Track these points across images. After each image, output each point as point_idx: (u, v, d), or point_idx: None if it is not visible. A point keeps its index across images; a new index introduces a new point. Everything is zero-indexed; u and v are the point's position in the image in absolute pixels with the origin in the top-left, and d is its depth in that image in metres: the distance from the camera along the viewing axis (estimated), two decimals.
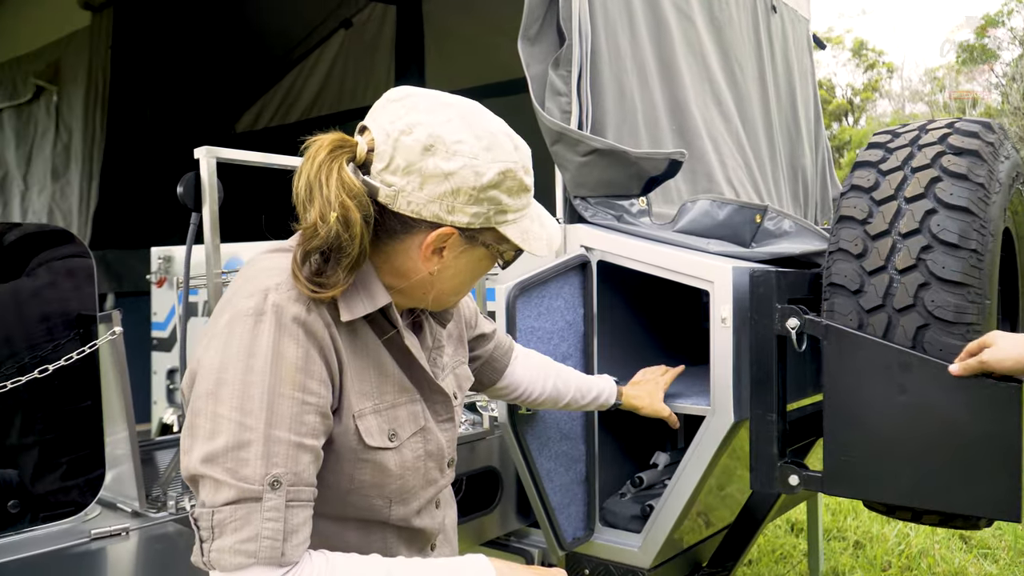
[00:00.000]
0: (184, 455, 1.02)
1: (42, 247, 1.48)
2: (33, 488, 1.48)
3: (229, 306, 1.06)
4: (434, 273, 1.13)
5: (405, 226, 1.10)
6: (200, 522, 0.99)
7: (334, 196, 1.02)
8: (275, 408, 1.00)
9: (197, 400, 1.02)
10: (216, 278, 1.59)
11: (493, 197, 1.10)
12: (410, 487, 1.21)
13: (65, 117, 4.80)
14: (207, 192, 1.56)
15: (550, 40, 2.32)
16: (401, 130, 1.06)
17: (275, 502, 0.99)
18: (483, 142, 1.09)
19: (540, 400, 1.73)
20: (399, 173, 1.06)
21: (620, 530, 2.20)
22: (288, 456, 1.01)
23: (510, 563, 1.19)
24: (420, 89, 1.12)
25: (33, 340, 1.47)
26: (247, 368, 1.00)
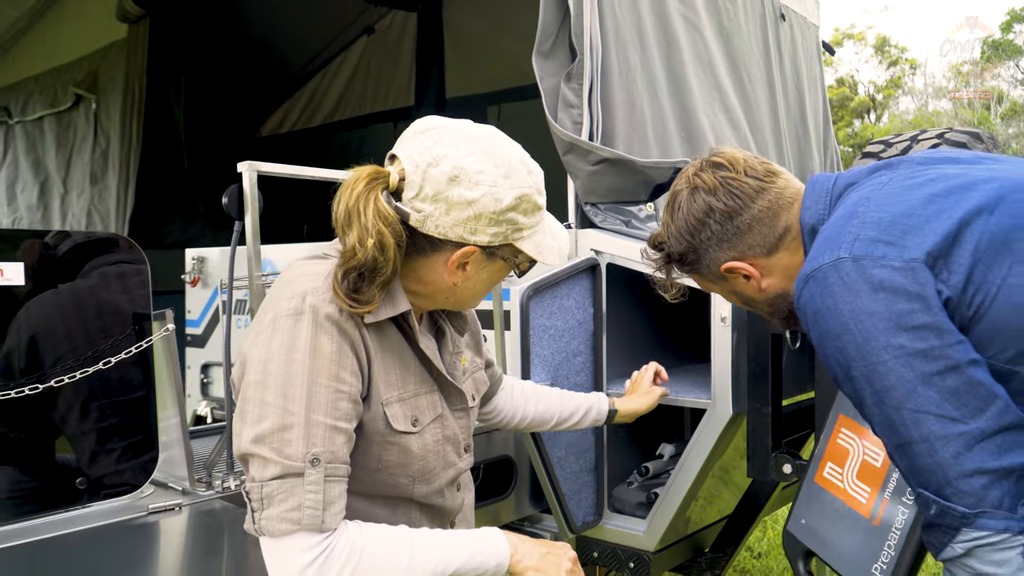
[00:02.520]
0: (235, 436, 1.19)
1: (105, 253, 1.66)
2: (95, 468, 1.65)
3: (272, 307, 1.22)
4: (457, 284, 1.29)
5: (433, 245, 1.25)
6: (251, 494, 1.15)
7: (371, 224, 1.17)
8: (314, 395, 1.16)
9: (246, 389, 1.19)
10: (257, 280, 1.75)
11: (511, 218, 1.24)
12: (431, 468, 1.36)
13: (103, 124, 5.01)
14: (249, 202, 1.72)
15: (563, 55, 2.47)
16: (429, 162, 1.20)
17: (315, 477, 1.15)
18: (501, 170, 1.22)
19: (524, 426, 1.83)
20: (428, 201, 1.20)
21: (627, 516, 2.34)
22: (325, 437, 1.17)
23: (520, 535, 1.35)
24: (444, 121, 1.27)
25: (94, 336, 1.65)
26: (289, 360, 1.16)
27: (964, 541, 1.18)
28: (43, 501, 1.62)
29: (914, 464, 1.21)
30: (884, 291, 1.20)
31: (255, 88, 6.42)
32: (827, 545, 1.60)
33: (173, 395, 1.70)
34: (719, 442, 2.14)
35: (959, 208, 1.23)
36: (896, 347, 1.19)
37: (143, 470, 1.71)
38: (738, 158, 1.46)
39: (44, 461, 1.68)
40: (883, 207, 1.28)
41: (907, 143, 2.13)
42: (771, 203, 1.43)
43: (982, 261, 1.20)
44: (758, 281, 1.49)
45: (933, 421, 1.17)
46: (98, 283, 1.67)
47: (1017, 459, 1.15)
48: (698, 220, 1.46)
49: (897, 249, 1.22)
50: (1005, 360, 1.20)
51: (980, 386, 1.17)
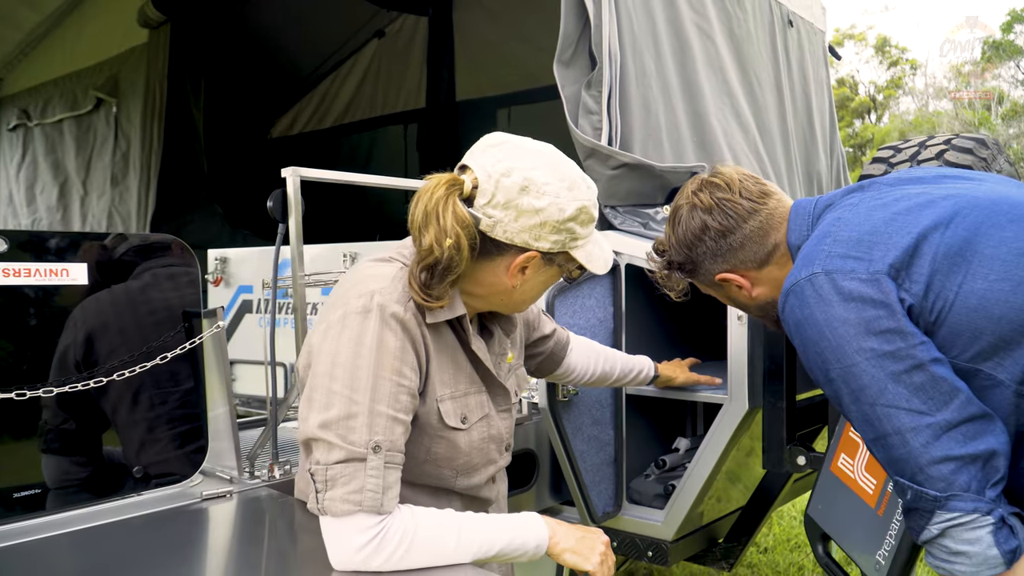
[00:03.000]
0: (302, 422, 1.29)
1: (159, 254, 1.75)
2: (148, 458, 1.75)
3: (341, 304, 1.32)
4: (516, 287, 1.40)
5: (498, 249, 1.36)
6: (316, 476, 1.25)
7: (450, 226, 1.28)
8: (378, 387, 1.26)
9: (315, 378, 1.29)
10: (300, 279, 1.85)
11: (570, 228, 1.35)
12: (474, 463, 1.47)
13: (124, 127, 5.10)
14: (292, 206, 1.82)
15: (583, 64, 2.56)
16: (502, 172, 1.31)
17: (376, 463, 1.24)
18: (565, 183, 1.34)
19: (591, 381, 2.02)
20: (499, 207, 1.31)
21: (645, 507, 2.44)
22: (386, 427, 1.26)
23: (557, 520, 1.44)
24: (512, 137, 1.38)
25: (148, 333, 1.74)
26: (356, 354, 1.26)
27: (938, 523, 1.29)
28: (95, 490, 1.71)
29: (889, 455, 1.34)
30: (853, 300, 1.33)
31: (269, 91, 6.51)
32: (841, 530, 1.70)
33: (222, 389, 1.80)
34: (735, 436, 2.23)
35: (918, 224, 1.36)
36: (867, 350, 1.32)
37: (193, 460, 1.80)
38: (734, 179, 1.60)
39: (97, 452, 1.77)
40: (852, 226, 1.42)
41: (916, 148, 2.23)
42: (762, 223, 1.57)
43: (939, 271, 1.33)
44: (749, 291, 1.64)
45: (903, 415, 1.30)
46: (151, 283, 1.77)
47: (981, 446, 1.28)
48: (695, 236, 1.61)
49: (864, 263, 1.35)
50: (967, 359, 1.32)
51: (943, 382, 1.30)
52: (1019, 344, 1.29)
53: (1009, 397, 1.31)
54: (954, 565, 1.30)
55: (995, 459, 1.29)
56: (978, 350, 1.31)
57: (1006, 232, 1.33)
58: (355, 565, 1.23)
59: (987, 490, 1.27)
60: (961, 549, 1.28)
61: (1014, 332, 1.29)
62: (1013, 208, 1.37)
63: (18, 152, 5.90)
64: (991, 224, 1.35)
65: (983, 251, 1.33)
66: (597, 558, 1.41)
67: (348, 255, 3.10)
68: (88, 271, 1.63)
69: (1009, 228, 1.34)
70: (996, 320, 1.29)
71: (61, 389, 1.57)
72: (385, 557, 1.24)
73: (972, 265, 1.32)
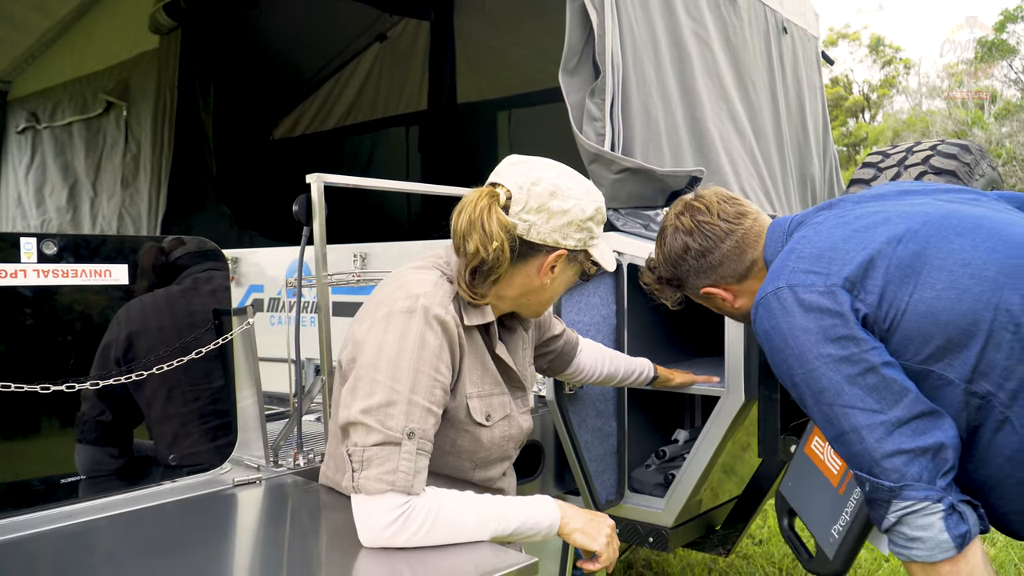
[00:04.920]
0: (344, 408, 1.41)
1: (192, 254, 1.86)
2: (181, 447, 1.86)
3: (387, 304, 1.46)
4: (545, 284, 1.56)
5: (533, 250, 1.52)
6: (353, 457, 1.37)
7: (495, 231, 1.45)
8: (417, 380, 1.39)
9: (360, 369, 1.42)
10: (324, 279, 1.96)
11: (589, 227, 1.54)
12: (492, 459, 1.61)
13: (134, 130, 5.19)
14: (316, 210, 1.93)
15: (587, 72, 2.68)
16: (532, 182, 1.49)
17: (409, 448, 1.37)
18: (583, 188, 1.54)
19: (597, 381, 2.17)
20: (532, 212, 1.48)
21: (646, 495, 2.55)
22: (421, 417, 1.39)
23: (569, 504, 1.56)
24: (530, 157, 1.56)
25: (183, 331, 1.85)
26: (400, 349, 1.40)
27: (895, 511, 1.42)
28: (129, 478, 1.82)
29: (848, 450, 1.48)
30: (812, 311, 1.48)
31: (273, 94, 6.59)
32: (805, 506, 1.84)
33: (251, 382, 1.91)
34: (731, 427, 2.34)
35: (873, 241, 1.51)
36: (825, 355, 1.46)
37: (223, 449, 1.91)
38: (713, 203, 1.77)
39: (131, 442, 1.88)
40: (814, 243, 1.57)
41: (903, 154, 2.35)
42: (738, 242, 1.75)
43: (892, 282, 1.47)
44: (732, 302, 1.83)
45: (859, 414, 1.44)
46: (191, 286, 1.88)
47: (930, 440, 1.41)
48: (678, 256, 1.80)
49: (822, 277, 1.50)
50: (919, 361, 1.46)
51: (894, 382, 1.43)
52: (965, 346, 1.42)
53: (959, 395, 1.44)
54: (911, 550, 1.42)
55: (944, 451, 1.41)
56: (929, 353, 1.45)
57: (953, 244, 1.47)
58: (382, 542, 1.35)
59: (937, 479, 1.40)
60: (916, 535, 1.41)
61: (960, 335, 1.42)
62: (960, 221, 1.51)
63: (27, 154, 5.98)
64: (940, 237, 1.48)
65: (932, 263, 1.46)
66: (604, 539, 1.53)
67: (358, 255, 3.21)
68: (129, 272, 1.74)
69: (956, 240, 1.48)
70: (944, 325, 1.43)
71: (107, 382, 1.67)
72: (410, 534, 1.35)
73: (922, 276, 1.46)
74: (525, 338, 1.75)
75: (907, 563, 1.46)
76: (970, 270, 1.43)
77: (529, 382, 1.74)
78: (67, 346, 1.67)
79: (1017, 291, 1.40)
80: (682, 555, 4.14)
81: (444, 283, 1.51)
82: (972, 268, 1.44)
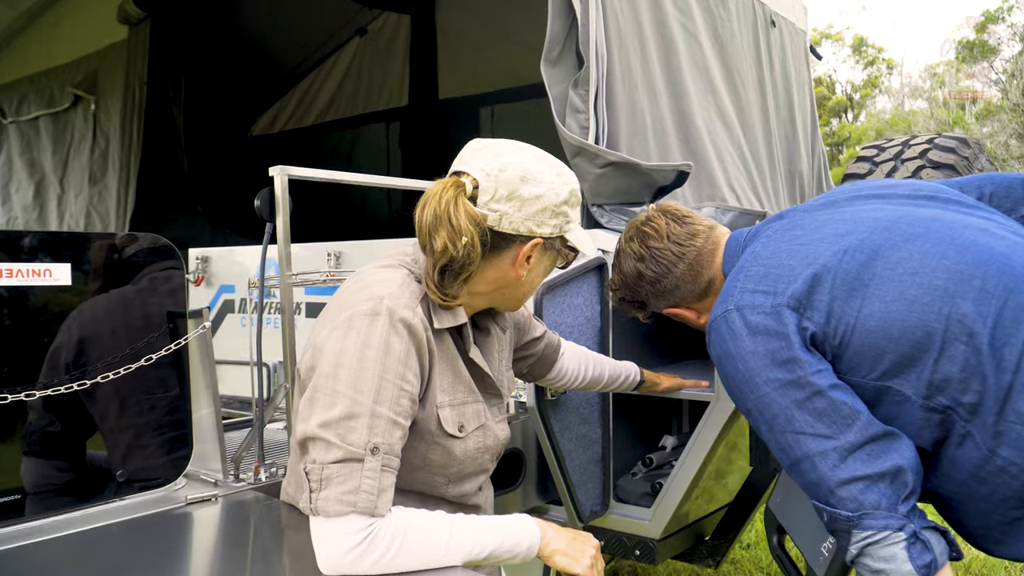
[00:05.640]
0: (302, 421, 1.28)
1: (145, 254, 1.73)
2: (132, 462, 1.72)
3: (348, 306, 1.33)
4: (521, 277, 1.44)
5: (506, 241, 1.40)
6: (311, 475, 1.24)
7: (464, 226, 1.33)
8: (381, 390, 1.27)
9: (319, 378, 1.29)
10: (288, 279, 1.83)
11: (564, 211, 1.42)
12: (467, 473, 1.49)
13: (103, 125, 5.03)
14: (280, 205, 1.80)
15: (570, 63, 2.56)
16: (499, 168, 1.36)
17: (373, 464, 1.24)
18: (554, 171, 1.42)
19: (581, 386, 2.04)
20: (502, 201, 1.36)
21: (632, 505, 2.44)
22: (386, 430, 1.26)
23: (549, 522, 1.45)
24: (495, 140, 1.43)
25: (138, 335, 1.71)
26: (363, 356, 1.27)
27: (856, 542, 1.33)
28: (78, 494, 1.68)
29: (804, 480, 1.39)
30: (759, 334, 1.40)
31: (250, 89, 6.45)
32: (794, 524, 1.74)
33: (208, 391, 1.77)
34: (721, 434, 2.24)
35: (818, 255, 1.42)
36: (773, 380, 1.38)
37: (177, 463, 1.77)
38: (662, 226, 1.71)
39: (80, 455, 1.74)
40: (761, 260, 1.49)
41: (900, 147, 2.25)
42: (691, 264, 1.69)
43: (838, 297, 1.38)
44: (697, 319, 1.76)
45: (810, 440, 1.35)
46: (143, 282, 1.74)
47: (887, 463, 1.32)
48: (634, 281, 1.76)
49: (769, 296, 1.42)
50: (875, 378, 1.36)
51: (843, 405, 1.34)
52: (919, 360, 1.33)
53: (919, 411, 1.35)
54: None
55: (902, 475, 1.32)
56: (884, 369, 1.36)
57: (901, 252, 1.38)
58: (343, 569, 1.22)
59: (899, 505, 1.31)
60: (879, 567, 1.31)
61: (913, 349, 1.33)
62: (910, 227, 1.42)
63: None
64: (888, 245, 1.40)
65: (880, 273, 1.38)
66: (587, 561, 1.42)
67: (332, 254, 3.08)
68: (72, 272, 1.60)
69: (904, 248, 1.39)
70: (895, 339, 1.34)
71: (44, 392, 1.54)
72: (374, 560, 1.23)
73: (870, 288, 1.37)
74: (502, 340, 1.63)
75: None
76: (919, 279, 1.35)
77: (506, 388, 1.61)
78: (7, 352, 1.54)
79: (968, 298, 1.31)
80: (669, 562, 4.03)
81: (411, 282, 1.39)
82: (921, 277, 1.35)
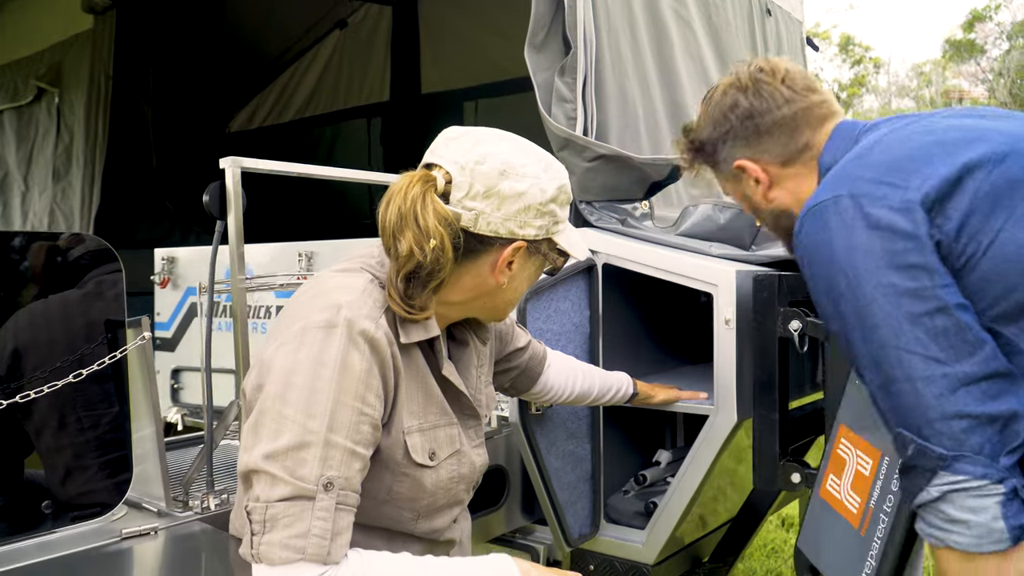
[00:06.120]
0: (245, 451, 1.09)
1: (78, 256, 1.53)
2: (63, 489, 1.52)
3: (301, 316, 1.14)
4: (503, 284, 1.26)
5: (483, 245, 1.21)
6: (253, 516, 1.05)
7: (432, 227, 1.14)
8: (337, 415, 1.07)
9: (265, 400, 1.09)
10: (240, 284, 1.63)
11: (551, 210, 1.24)
12: (439, 505, 1.29)
13: (67, 119, 4.81)
14: (232, 200, 1.60)
15: (556, 48, 2.37)
16: (476, 160, 1.18)
17: (326, 503, 1.05)
18: (541, 164, 1.24)
19: (569, 400, 1.86)
20: (479, 198, 1.18)
21: (624, 526, 2.26)
22: (343, 461, 1.07)
23: (533, 564, 1.26)
24: (474, 128, 1.25)
25: (65, 347, 1.52)
26: (316, 375, 1.08)
27: (940, 484, 1.15)
28: (6, 524, 1.49)
29: (896, 403, 1.20)
30: (879, 230, 1.20)
31: (224, 83, 6.24)
32: (825, 559, 1.56)
33: (148, 407, 1.58)
34: (722, 450, 2.06)
35: (963, 155, 1.22)
36: (887, 285, 1.18)
37: (116, 490, 1.57)
38: (781, 68, 1.50)
39: (6, 480, 1.54)
40: (890, 149, 1.29)
41: None
42: (796, 114, 1.47)
43: (979, 210, 1.19)
44: (765, 188, 1.54)
45: (918, 361, 1.16)
46: (69, 288, 1.54)
47: (1002, 406, 1.14)
48: (723, 113, 1.53)
49: (898, 191, 1.22)
50: (990, 318, 1.18)
51: (968, 330, 1.15)
52: None
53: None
54: (950, 534, 1.16)
55: (1016, 423, 1.14)
56: (1004, 309, 1.17)
57: None
58: None
59: (1002, 457, 1.13)
60: (961, 517, 1.14)
61: None
62: None
63: None
64: None
65: None
66: None
67: (303, 254, 2.88)
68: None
69: None
70: None
71: None
72: None
73: (1018, 210, 1.17)
74: (481, 353, 1.43)
75: (938, 549, 1.18)
76: None
77: (485, 408, 1.42)
78: None
79: None
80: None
81: (375, 289, 1.20)
82: None
